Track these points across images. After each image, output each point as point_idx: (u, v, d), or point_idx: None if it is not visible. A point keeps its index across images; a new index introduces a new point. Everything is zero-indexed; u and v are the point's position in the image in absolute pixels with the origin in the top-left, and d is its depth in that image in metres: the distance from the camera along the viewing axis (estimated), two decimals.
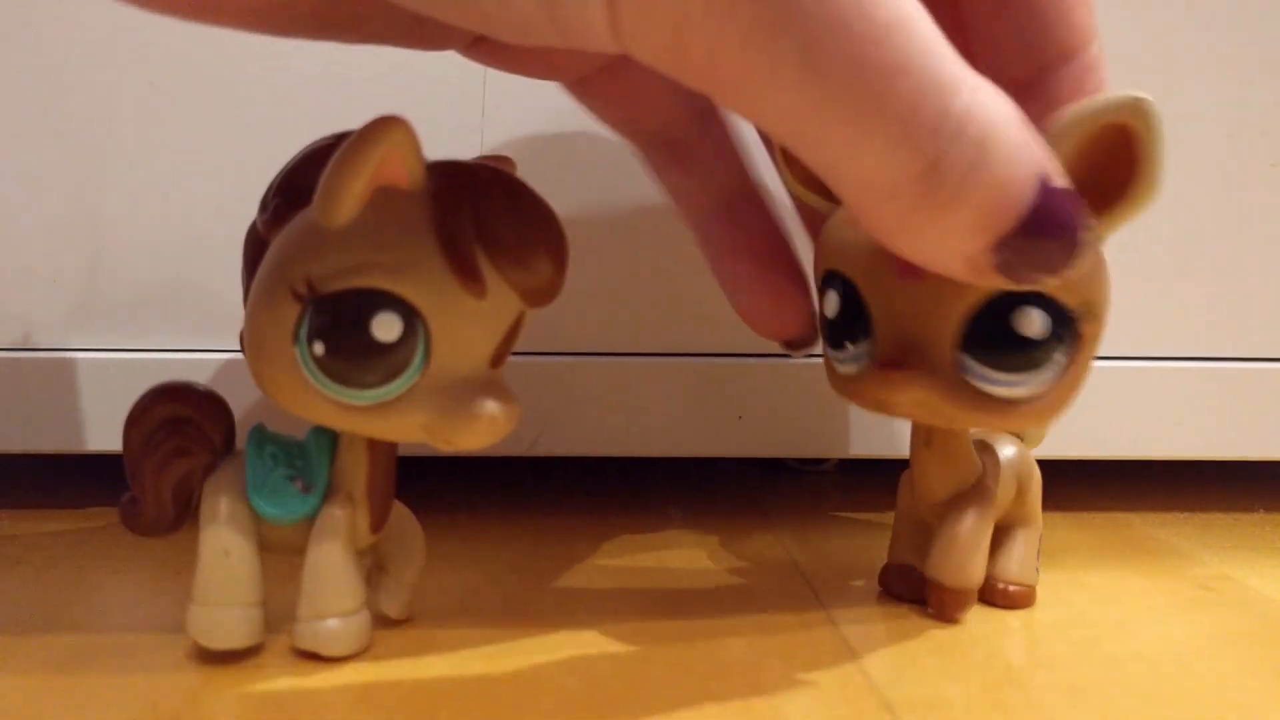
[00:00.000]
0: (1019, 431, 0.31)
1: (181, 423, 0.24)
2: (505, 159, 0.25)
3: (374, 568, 0.27)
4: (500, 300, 0.21)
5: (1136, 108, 0.22)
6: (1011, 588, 0.30)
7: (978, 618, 0.29)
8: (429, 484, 0.41)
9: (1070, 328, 0.24)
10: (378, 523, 0.25)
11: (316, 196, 0.21)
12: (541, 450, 0.36)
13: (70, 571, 0.31)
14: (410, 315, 0.20)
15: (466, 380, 0.21)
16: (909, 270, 0.24)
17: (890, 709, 0.23)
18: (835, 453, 0.38)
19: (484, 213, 0.20)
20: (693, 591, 0.30)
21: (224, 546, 0.23)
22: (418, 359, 0.21)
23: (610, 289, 0.36)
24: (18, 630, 0.26)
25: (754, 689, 0.24)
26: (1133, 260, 0.38)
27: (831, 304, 0.27)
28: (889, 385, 0.24)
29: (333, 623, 0.24)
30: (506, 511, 0.38)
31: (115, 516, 0.25)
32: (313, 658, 0.24)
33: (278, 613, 0.25)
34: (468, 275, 0.20)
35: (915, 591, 0.29)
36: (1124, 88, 0.22)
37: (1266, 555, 0.36)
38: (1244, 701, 0.24)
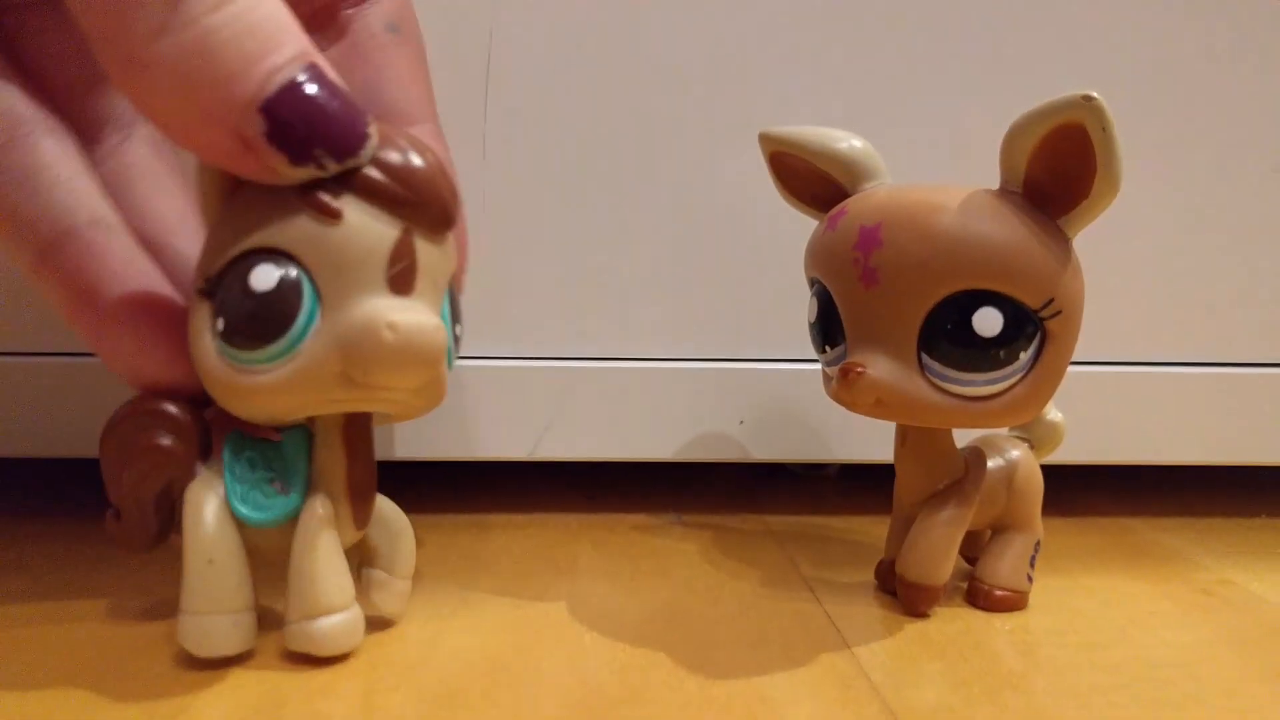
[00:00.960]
0: (1027, 436, 0.32)
1: (152, 440, 0.24)
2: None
3: (364, 565, 0.27)
4: (368, 222, 0.21)
5: (1086, 105, 0.22)
6: (998, 591, 0.30)
7: (978, 622, 0.29)
8: (431, 486, 0.41)
9: (1034, 326, 0.24)
10: (362, 518, 0.25)
11: (198, 207, 0.23)
12: (543, 454, 0.36)
13: (71, 575, 0.31)
14: (283, 260, 0.21)
15: (376, 300, 0.21)
16: (870, 275, 0.25)
17: (893, 714, 0.23)
18: (836, 457, 0.38)
19: None
20: (694, 596, 0.30)
21: (208, 555, 0.23)
22: (307, 299, 0.21)
23: (613, 294, 0.36)
24: (18, 633, 0.26)
25: (756, 694, 0.24)
26: (1135, 266, 0.38)
27: (812, 309, 0.28)
28: (846, 386, 0.25)
29: (323, 622, 0.24)
30: (508, 515, 0.38)
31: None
32: (308, 659, 0.24)
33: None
34: (315, 203, 0.21)
35: None
36: (1081, 87, 0.22)
37: (1269, 560, 0.36)
38: (1246, 706, 0.24)
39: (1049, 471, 0.31)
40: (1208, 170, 0.38)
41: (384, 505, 0.26)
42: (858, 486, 0.45)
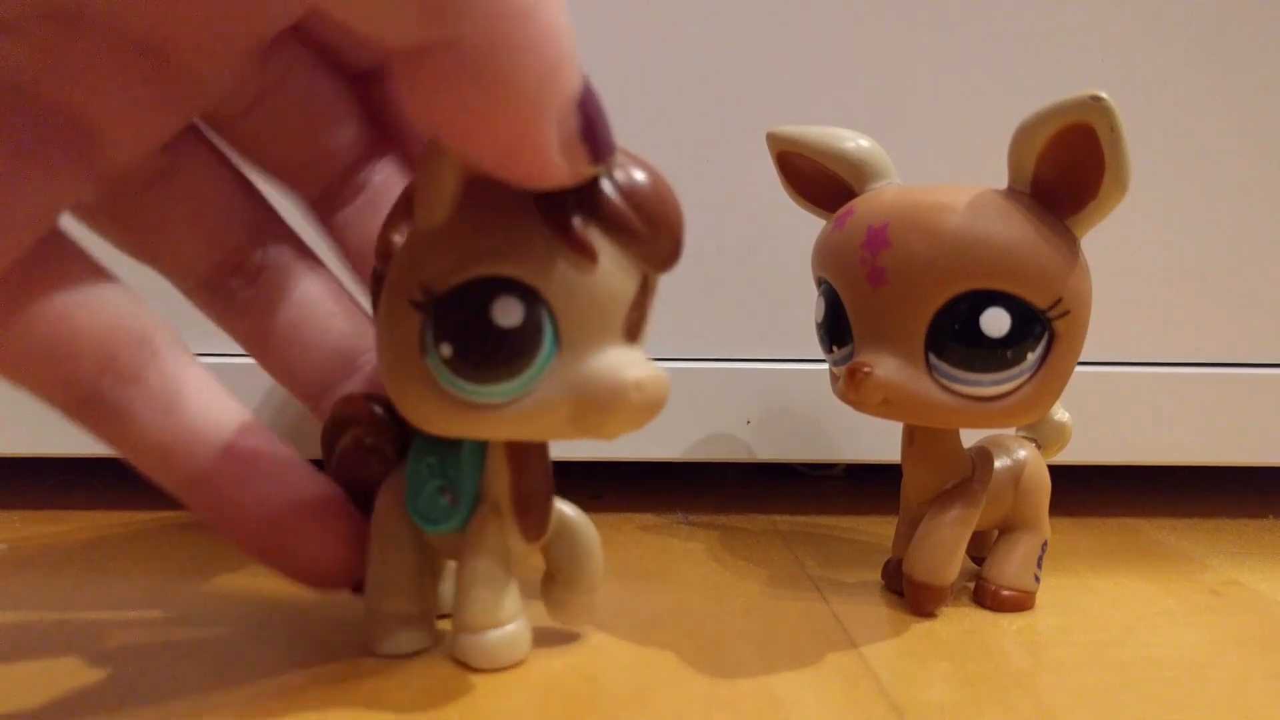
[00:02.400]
0: (1034, 436, 0.32)
1: (361, 433, 0.25)
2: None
3: (545, 576, 0.26)
4: (617, 265, 0.20)
5: (1094, 106, 0.22)
6: (1004, 591, 0.30)
7: (985, 622, 0.29)
8: None
9: (1042, 326, 0.25)
10: (532, 532, 0.24)
11: (414, 207, 0.21)
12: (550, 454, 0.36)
13: (81, 574, 0.31)
14: (529, 295, 0.20)
15: (607, 352, 0.20)
16: (877, 275, 0.25)
17: (900, 713, 0.23)
18: (843, 457, 0.38)
19: (587, 180, 0.20)
20: (701, 595, 0.30)
21: (383, 557, 0.24)
22: (547, 340, 0.20)
23: None
24: (28, 632, 0.26)
25: (763, 693, 0.24)
26: (1141, 266, 0.38)
27: (819, 309, 0.28)
28: (853, 386, 0.25)
29: (476, 637, 0.24)
30: None
31: (124, 519, 0.25)
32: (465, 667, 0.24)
33: None
34: (575, 243, 0.19)
35: None
36: (1090, 87, 0.22)
37: (1276, 561, 0.36)
38: (1254, 706, 0.24)
39: (1056, 471, 0.31)
40: (1221, 167, 0.38)
41: (568, 517, 0.25)
42: (864, 486, 0.45)
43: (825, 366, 0.29)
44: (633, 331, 0.21)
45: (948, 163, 0.36)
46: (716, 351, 0.37)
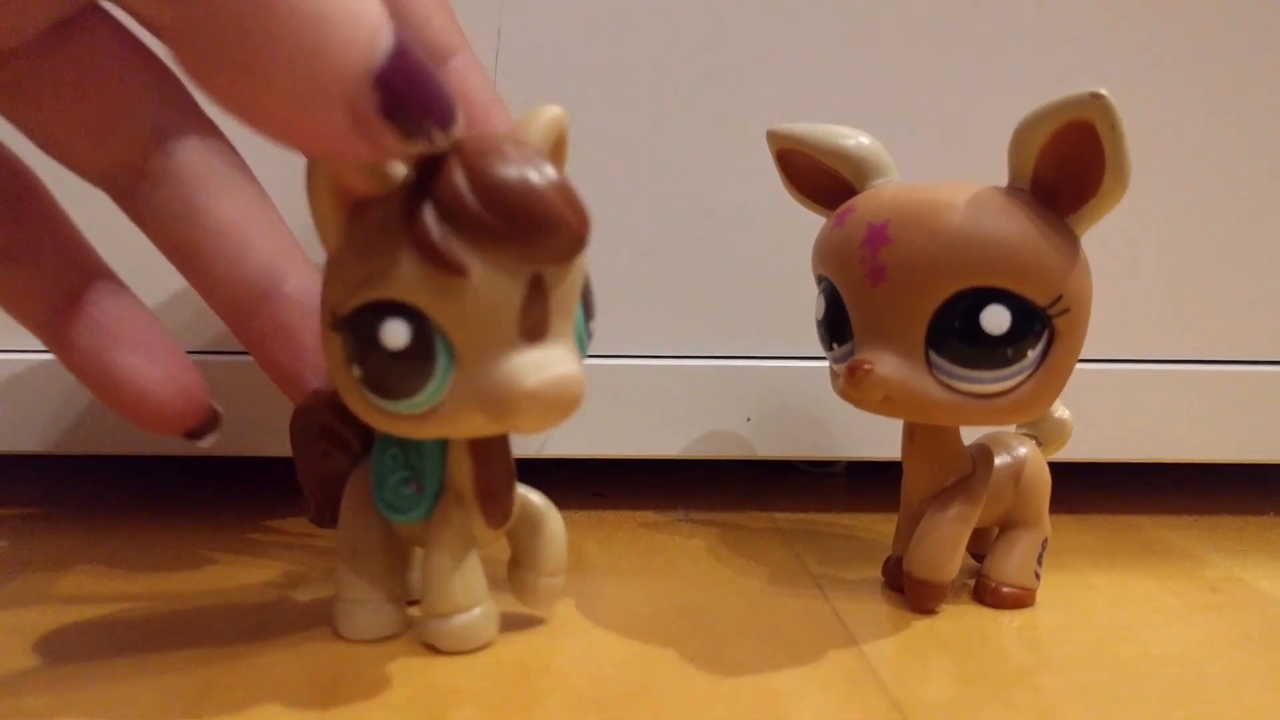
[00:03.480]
0: (1034, 433, 0.32)
1: (326, 428, 0.26)
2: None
3: (511, 561, 0.27)
4: (495, 272, 0.20)
5: (1094, 103, 0.22)
6: (1005, 588, 0.30)
7: (986, 619, 0.29)
8: None
9: (1042, 323, 0.25)
10: (495, 519, 0.25)
11: (317, 233, 0.21)
12: (551, 451, 0.36)
13: (81, 573, 0.31)
14: (413, 315, 0.20)
15: (504, 359, 0.20)
16: (878, 273, 0.25)
17: (900, 709, 0.23)
18: (843, 455, 0.38)
19: (444, 191, 0.19)
20: (701, 592, 0.30)
21: (352, 547, 0.25)
22: (441, 356, 0.20)
23: (619, 291, 0.36)
24: (28, 630, 0.26)
25: (764, 689, 0.24)
26: (1141, 263, 0.38)
27: (820, 306, 0.28)
28: (854, 383, 0.25)
29: (446, 620, 0.25)
30: None
31: (127, 519, 0.25)
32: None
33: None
34: (440, 261, 0.19)
35: None
36: (1090, 85, 0.22)
37: (1276, 558, 0.36)
38: (1255, 703, 0.24)
39: (1056, 469, 0.31)
40: (1222, 162, 0.38)
41: (531, 503, 0.26)
42: (864, 484, 0.45)
43: (826, 364, 0.29)
44: (534, 332, 0.21)
45: (948, 160, 0.36)
46: (717, 349, 0.37)
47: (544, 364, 0.20)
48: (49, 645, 0.25)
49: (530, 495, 0.26)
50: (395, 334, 0.20)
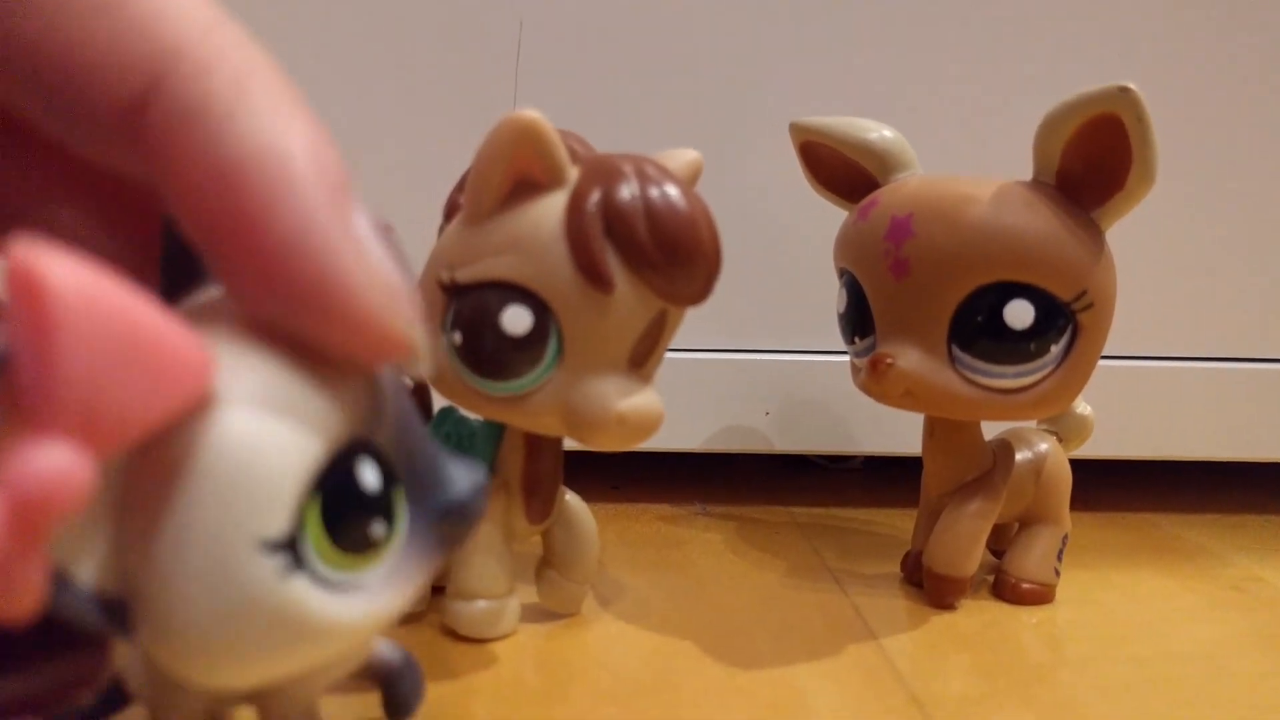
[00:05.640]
0: (1055, 429, 0.31)
1: None
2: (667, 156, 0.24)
3: (541, 560, 0.27)
4: (634, 297, 0.20)
5: (1122, 97, 0.22)
6: (1025, 585, 0.30)
7: (1005, 615, 0.29)
8: None
9: (1066, 318, 0.24)
10: (535, 515, 0.25)
11: (466, 195, 0.21)
12: (568, 444, 0.36)
13: None
14: (541, 310, 0.20)
15: (604, 378, 0.21)
16: (901, 266, 0.25)
17: (919, 704, 0.23)
18: (861, 449, 0.38)
19: (617, 209, 0.20)
20: (719, 586, 0.30)
21: None
22: (550, 354, 0.21)
23: None
24: None
25: (782, 683, 0.24)
26: (1168, 261, 0.38)
27: (841, 299, 0.28)
28: (876, 377, 0.25)
29: (470, 605, 0.25)
30: None
31: None
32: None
33: None
34: (592, 273, 0.20)
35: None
36: (1116, 78, 0.22)
37: None
38: (1274, 702, 0.24)
39: (1076, 466, 0.31)
40: (1251, 157, 0.37)
41: (573, 509, 0.27)
42: (882, 478, 0.45)
43: (844, 358, 0.29)
44: (639, 360, 0.21)
45: (972, 154, 0.36)
46: (736, 343, 0.37)
47: (630, 392, 0.21)
48: None
49: (572, 500, 0.27)
50: (517, 320, 0.20)
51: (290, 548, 0.13)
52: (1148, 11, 0.36)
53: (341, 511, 0.14)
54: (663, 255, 0.20)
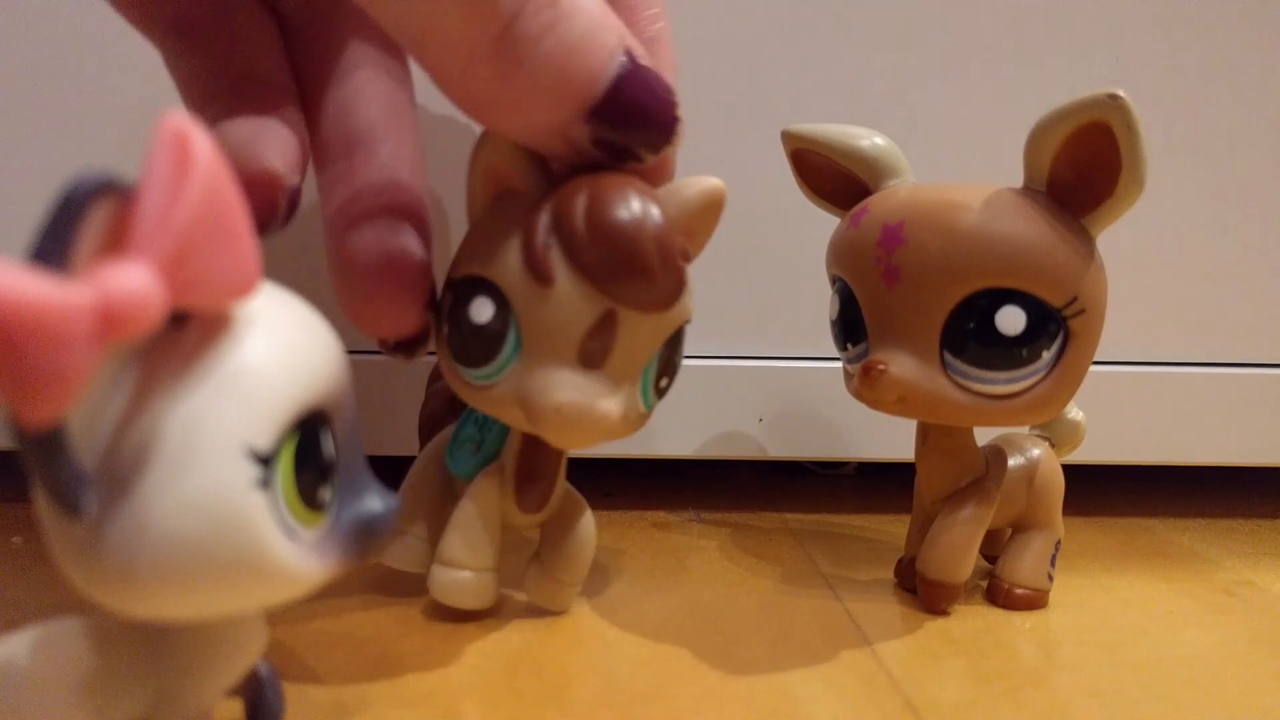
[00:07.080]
0: (1047, 434, 0.32)
1: (437, 370, 0.30)
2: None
3: (534, 555, 0.28)
4: (576, 294, 0.21)
5: (1111, 104, 0.22)
6: (1018, 590, 0.30)
7: (999, 620, 0.29)
8: None
9: (1057, 324, 0.25)
10: (526, 504, 0.26)
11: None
12: (571, 450, 0.36)
13: None
14: (500, 300, 0.22)
15: (553, 371, 0.21)
16: (892, 273, 0.25)
17: (914, 709, 0.23)
18: (855, 456, 0.38)
19: (565, 207, 0.21)
20: (713, 593, 0.30)
21: (411, 482, 0.28)
22: (510, 342, 0.22)
23: None
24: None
25: (777, 689, 0.24)
26: (1157, 265, 0.38)
27: (834, 306, 0.28)
28: (868, 384, 0.25)
29: (444, 571, 0.26)
30: None
31: None
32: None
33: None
34: (532, 264, 0.21)
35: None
36: (1106, 86, 0.22)
37: None
38: (1268, 706, 0.24)
39: (1069, 471, 0.31)
40: (1239, 163, 0.37)
41: (571, 508, 0.27)
42: (876, 485, 0.45)
43: (837, 365, 0.29)
44: (594, 359, 0.22)
45: (963, 161, 0.36)
46: (729, 349, 0.37)
47: (578, 388, 0.21)
48: None
49: (575, 501, 0.28)
50: (481, 309, 0.22)
51: (266, 465, 0.15)
52: (1139, 18, 0.37)
53: (306, 462, 0.16)
54: (599, 253, 0.21)
